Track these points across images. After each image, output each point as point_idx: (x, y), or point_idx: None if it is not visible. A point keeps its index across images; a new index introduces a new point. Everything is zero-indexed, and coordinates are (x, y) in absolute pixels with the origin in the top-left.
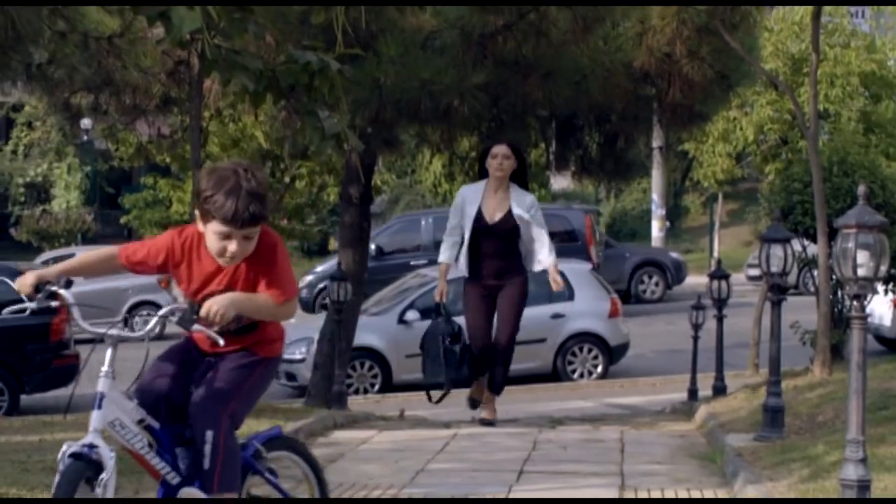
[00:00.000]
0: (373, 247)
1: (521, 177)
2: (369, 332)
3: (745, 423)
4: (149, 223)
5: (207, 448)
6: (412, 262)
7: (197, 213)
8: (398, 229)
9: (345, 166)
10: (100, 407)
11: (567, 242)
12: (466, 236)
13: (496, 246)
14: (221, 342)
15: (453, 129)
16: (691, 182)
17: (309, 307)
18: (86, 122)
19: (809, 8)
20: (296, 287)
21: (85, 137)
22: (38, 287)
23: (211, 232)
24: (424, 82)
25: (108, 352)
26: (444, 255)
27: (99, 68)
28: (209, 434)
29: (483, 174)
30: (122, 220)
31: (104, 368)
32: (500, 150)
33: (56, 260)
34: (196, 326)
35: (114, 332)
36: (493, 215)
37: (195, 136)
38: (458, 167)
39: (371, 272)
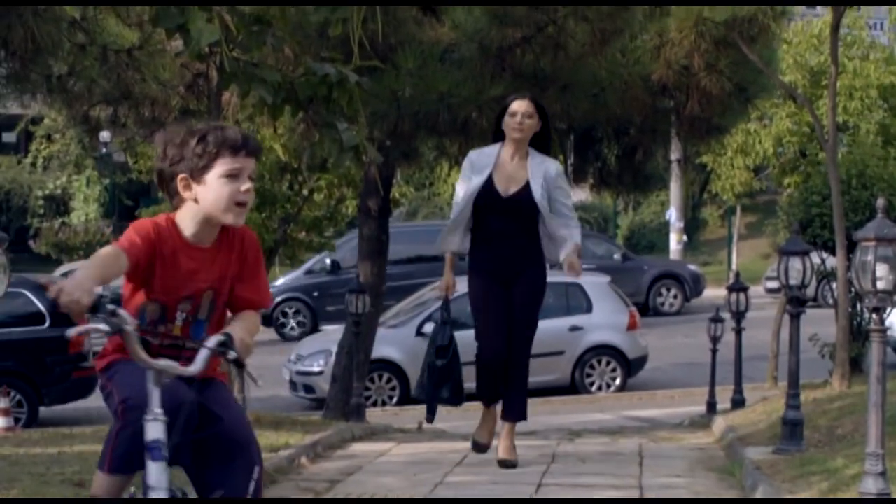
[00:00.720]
0: (327, 262)
1: (544, 142)
2: (388, 344)
3: (764, 437)
4: None
5: (252, 486)
6: None
7: (181, 183)
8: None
9: (363, 179)
10: (160, 458)
11: None
12: (467, 208)
13: (509, 226)
14: (259, 384)
15: (471, 142)
16: (709, 194)
17: (266, 321)
18: (104, 135)
19: (828, 20)
20: None
21: (104, 150)
22: (97, 307)
23: (215, 179)
24: (442, 95)
25: (155, 392)
26: (448, 243)
27: (118, 81)
28: (257, 470)
29: (497, 137)
30: None
31: (155, 410)
32: (522, 105)
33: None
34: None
35: (162, 364)
36: (507, 187)
37: None
38: None
39: (325, 288)
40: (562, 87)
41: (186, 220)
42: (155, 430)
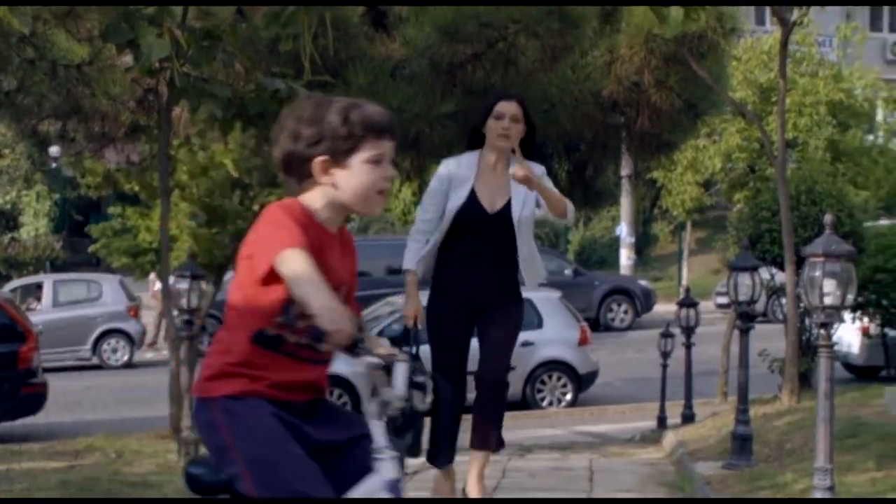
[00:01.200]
0: None
1: (529, 147)
2: (338, 360)
3: (714, 451)
4: (116, 252)
5: None
6: None
7: (320, 166)
8: None
9: None
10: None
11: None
12: (443, 228)
13: (492, 249)
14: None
15: (423, 158)
16: (660, 210)
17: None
18: (54, 150)
19: (778, 37)
20: None
21: (53, 165)
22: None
23: (360, 164)
24: (393, 110)
25: (378, 426)
26: (413, 262)
27: (67, 96)
28: None
29: (474, 143)
30: (90, 248)
31: (384, 446)
32: (509, 108)
33: (25, 288)
34: None
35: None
36: (493, 201)
37: (163, 163)
38: None
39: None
40: None
41: (318, 205)
42: (392, 468)
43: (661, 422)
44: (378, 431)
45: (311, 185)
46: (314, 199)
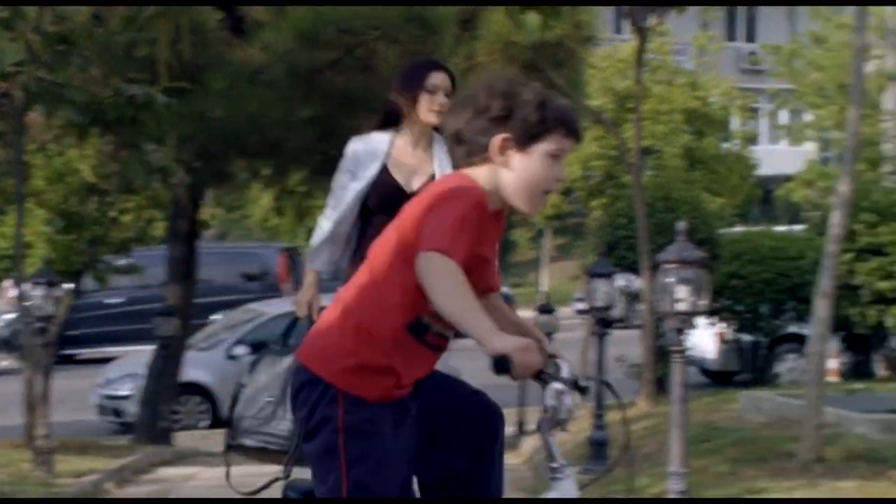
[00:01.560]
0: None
1: None
2: (197, 367)
3: (571, 456)
4: None
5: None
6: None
7: (501, 143)
8: None
9: (172, 200)
10: None
11: (257, 280)
12: (345, 210)
13: None
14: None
15: (282, 163)
16: (520, 216)
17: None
18: None
19: (634, 45)
20: None
21: None
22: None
23: (541, 154)
24: (252, 116)
25: (552, 439)
26: (317, 258)
27: None
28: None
29: (388, 124)
30: None
31: (564, 462)
32: (444, 81)
33: None
34: None
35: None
36: (410, 179)
37: (18, 169)
38: (288, 201)
39: (76, 310)
40: (372, 108)
41: (483, 185)
42: (573, 486)
43: (520, 427)
44: (555, 448)
45: (479, 161)
46: (480, 179)
